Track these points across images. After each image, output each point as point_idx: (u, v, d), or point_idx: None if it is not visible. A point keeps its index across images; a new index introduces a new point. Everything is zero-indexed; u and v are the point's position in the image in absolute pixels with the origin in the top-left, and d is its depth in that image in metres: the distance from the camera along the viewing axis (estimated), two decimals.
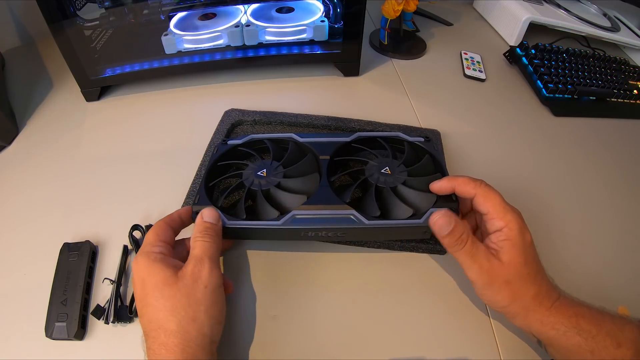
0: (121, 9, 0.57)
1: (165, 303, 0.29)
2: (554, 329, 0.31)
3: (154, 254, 0.32)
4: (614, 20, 0.82)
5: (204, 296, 0.30)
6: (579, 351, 0.30)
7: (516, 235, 0.32)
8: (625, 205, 0.50)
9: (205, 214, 0.35)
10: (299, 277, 0.40)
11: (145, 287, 0.30)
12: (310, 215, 0.36)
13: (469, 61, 0.70)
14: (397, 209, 0.37)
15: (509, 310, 0.33)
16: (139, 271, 0.31)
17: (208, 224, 0.34)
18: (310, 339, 0.36)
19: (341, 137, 0.44)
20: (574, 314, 0.31)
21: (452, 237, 0.33)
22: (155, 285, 0.30)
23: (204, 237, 0.33)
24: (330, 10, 0.62)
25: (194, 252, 0.32)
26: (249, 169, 0.41)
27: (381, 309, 0.38)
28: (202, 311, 0.30)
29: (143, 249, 0.33)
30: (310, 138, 0.43)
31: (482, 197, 0.34)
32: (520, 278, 0.32)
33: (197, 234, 0.34)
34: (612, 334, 0.30)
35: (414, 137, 0.44)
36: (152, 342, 0.29)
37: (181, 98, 0.60)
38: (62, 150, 0.51)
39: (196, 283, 0.30)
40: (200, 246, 0.33)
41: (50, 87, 0.60)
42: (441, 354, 0.36)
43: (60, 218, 0.43)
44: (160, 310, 0.29)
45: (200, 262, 0.31)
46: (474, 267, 0.32)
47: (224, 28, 0.57)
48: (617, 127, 0.62)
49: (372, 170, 0.40)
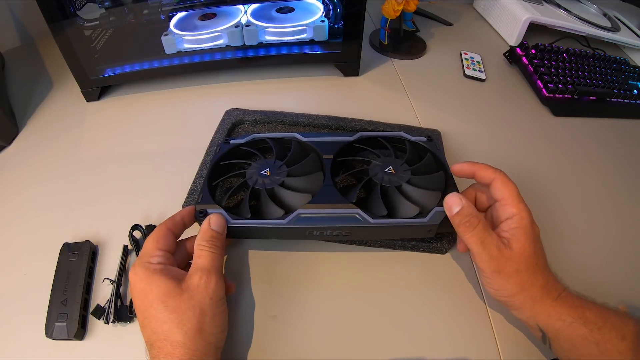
0: (121, 9, 0.57)
1: (170, 315, 0.29)
2: (560, 320, 0.31)
3: (153, 266, 0.31)
4: (614, 20, 0.82)
5: (210, 307, 0.30)
6: (584, 343, 0.30)
7: (528, 225, 0.33)
8: (625, 205, 0.50)
9: (213, 221, 0.34)
10: (299, 277, 0.40)
11: (147, 298, 0.30)
12: (315, 214, 0.36)
13: (469, 61, 0.70)
14: (403, 208, 0.37)
15: (516, 301, 0.33)
16: (138, 282, 0.31)
17: (215, 233, 0.34)
18: (310, 339, 0.36)
19: (344, 137, 0.44)
20: (579, 305, 0.32)
21: (460, 215, 0.34)
22: (158, 298, 0.30)
23: (211, 247, 0.33)
24: (330, 10, 0.62)
25: (200, 262, 0.32)
26: (252, 168, 0.41)
27: (381, 309, 0.38)
28: (208, 322, 0.30)
29: (141, 259, 0.32)
30: (313, 138, 0.43)
31: (501, 182, 0.35)
32: (529, 267, 0.32)
33: (204, 242, 0.33)
34: (617, 327, 0.30)
35: (416, 136, 0.44)
36: (157, 353, 0.29)
37: (181, 98, 0.60)
38: (62, 150, 0.51)
39: (202, 295, 0.30)
40: (206, 257, 0.32)
41: (50, 87, 0.60)
42: (441, 354, 0.36)
43: (60, 218, 0.43)
44: (164, 322, 0.29)
45: (208, 274, 0.31)
46: (484, 255, 0.33)
47: (224, 28, 0.57)
48: (617, 127, 0.62)
49: (375, 170, 0.40)
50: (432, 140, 0.44)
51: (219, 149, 0.43)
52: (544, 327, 0.32)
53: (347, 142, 0.43)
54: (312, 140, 0.43)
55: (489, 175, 0.36)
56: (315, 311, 0.37)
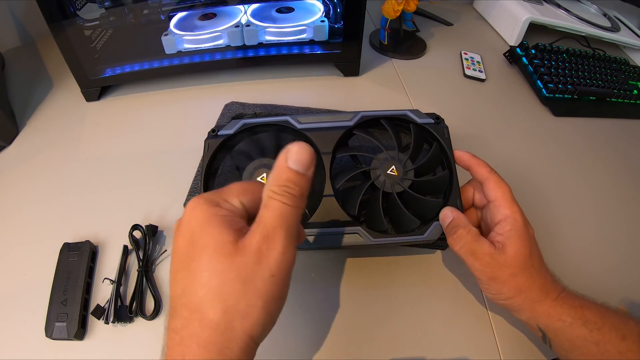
0: (121, 9, 0.57)
1: (211, 278, 0.21)
2: (560, 320, 0.31)
3: (221, 209, 0.23)
4: (614, 20, 0.82)
5: (267, 287, 0.22)
6: (584, 343, 0.30)
7: (522, 226, 0.33)
8: (625, 205, 0.50)
9: (293, 156, 0.23)
10: (299, 277, 0.40)
11: (194, 244, 0.22)
12: (317, 233, 0.35)
13: (469, 61, 0.70)
14: (405, 221, 0.36)
15: (515, 303, 0.33)
16: (191, 220, 0.23)
17: (293, 175, 0.23)
18: (310, 339, 0.36)
19: (342, 122, 0.39)
20: (579, 305, 0.31)
21: (449, 227, 0.34)
22: (206, 248, 0.22)
23: (283, 195, 0.23)
24: (330, 10, 0.62)
25: (266, 218, 0.23)
26: (247, 172, 0.38)
27: (381, 309, 0.38)
28: (260, 306, 0.21)
29: (212, 195, 0.24)
30: (308, 124, 0.39)
31: (494, 183, 0.35)
32: (525, 270, 0.32)
33: (275, 187, 0.23)
34: (617, 326, 0.30)
35: (423, 118, 0.40)
36: (179, 326, 0.21)
37: (181, 98, 0.60)
38: (62, 150, 0.51)
39: (260, 265, 0.21)
40: (276, 209, 0.23)
41: (50, 87, 0.60)
42: (441, 354, 0.36)
43: (60, 218, 0.43)
44: (202, 286, 0.21)
45: (273, 236, 0.22)
46: (476, 264, 0.33)
47: (224, 28, 0.57)
48: (617, 127, 0.62)
49: (377, 172, 0.38)
50: (440, 122, 0.40)
51: (208, 147, 0.38)
52: (544, 328, 0.32)
53: (346, 129, 0.39)
54: (308, 127, 0.38)
55: (483, 173, 0.36)
56: (315, 311, 0.37)
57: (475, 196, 0.38)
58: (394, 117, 0.40)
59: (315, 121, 0.39)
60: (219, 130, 0.39)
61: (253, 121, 0.39)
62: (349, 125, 0.39)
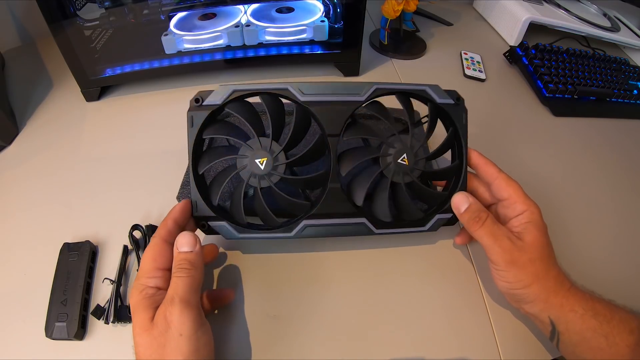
0: (121, 9, 0.57)
1: (144, 351, 0.27)
2: (572, 311, 0.31)
3: (145, 290, 0.29)
4: (614, 20, 0.82)
5: (180, 345, 0.27)
6: (594, 335, 0.30)
7: (539, 218, 0.34)
8: (625, 205, 0.50)
9: (179, 241, 0.31)
10: (298, 277, 0.40)
11: (133, 324, 0.29)
12: (322, 224, 0.35)
13: (469, 61, 0.70)
14: (410, 210, 0.36)
15: (531, 292, 0.32)
16: (131, 304, 0.29)
17: (183, 256, 0.30)
18: (310, 339, 0.36)
19: (353, 96, 0.35)
20: (590, 298, 0.32)
21: (469, 212, 0.34)
22: (135, 329, 0.28)
23: (180, 271, 0.30)
24: (330, 10, 0.62)
25: (167, 292, 0.29)
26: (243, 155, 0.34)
27: (381, 308, 0.38)
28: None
29: (139, 280, 0.30)
30: (312, 95, 0.35)
31: (505, 182, 0.36)
32: (542, 258, 0.33)
33: (174, 269, 0.30)
34: (625, 320, 0.31)
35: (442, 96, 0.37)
36: None
37: (181, 98, 0.59)
38: (62, 150, 0.51)
39: (169, 331, 0.27)
40: (173, 283, 0.29)
41: (50, 87, 0.60)
42: (441, 354, 0.36)
43: (60, 218, 0.43)
44: (141, 356, 0.27)
45: (171, 303, 0.28)
46: (496, 247, 0.33)
47: (224, 28, 0.57)
48: (617, 127, 0.62)
49: (388, 160, 0.35)
50: (460, 103, 0.38)
51: (192, 120, 0.35)
52: (555, 319, 0.32)
53: (357, 105, 0.35)
54: (312, 100, 0.35)
55: (492, 173, 0.36)
56: (316, 311, 0.37)
57: (480, 192, 0.38)
58: (411, 92, 0.37)
59: (321, 92, 0.35)
60: (205, 99, 0.34)
61: (245, 88, 0.34)
62: (360, 100, 0.35)
